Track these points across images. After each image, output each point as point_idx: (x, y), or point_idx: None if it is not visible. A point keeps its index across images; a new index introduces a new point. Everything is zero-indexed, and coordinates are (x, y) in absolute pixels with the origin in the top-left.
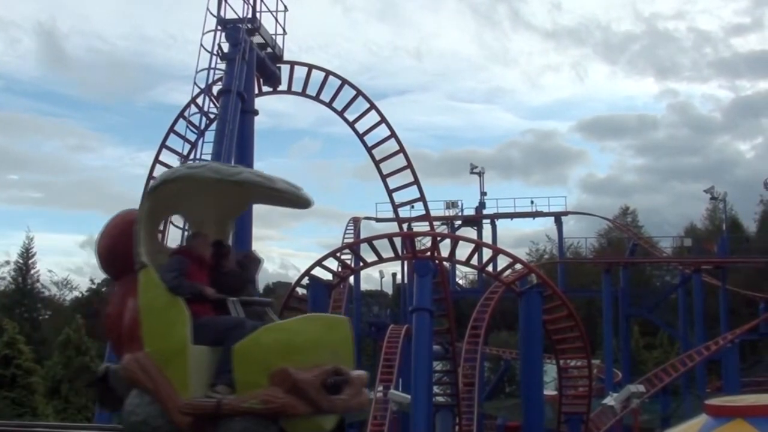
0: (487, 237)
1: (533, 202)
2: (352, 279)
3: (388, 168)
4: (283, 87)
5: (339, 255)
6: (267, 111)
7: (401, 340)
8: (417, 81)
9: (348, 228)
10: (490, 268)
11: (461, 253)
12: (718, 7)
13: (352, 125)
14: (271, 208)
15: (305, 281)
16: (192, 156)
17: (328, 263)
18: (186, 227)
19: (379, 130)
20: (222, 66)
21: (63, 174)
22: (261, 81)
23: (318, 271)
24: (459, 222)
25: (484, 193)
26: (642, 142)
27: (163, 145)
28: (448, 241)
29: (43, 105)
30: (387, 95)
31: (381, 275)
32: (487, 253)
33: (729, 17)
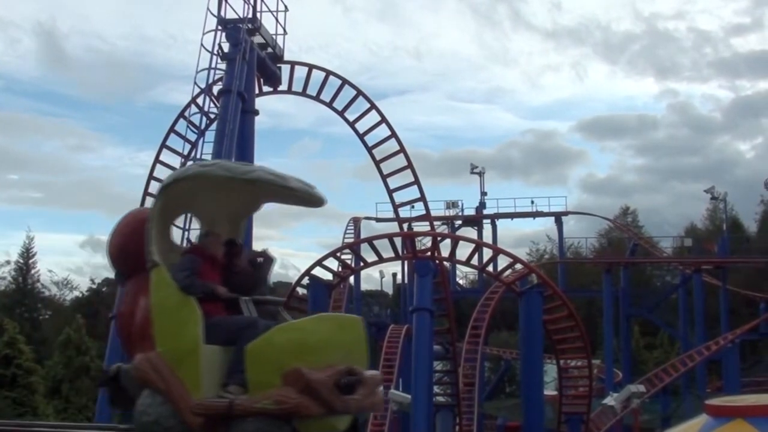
0: (488, 237)
1: (533, 202)
2: (352, 279)
3: (388, 168)
4: (284, 87)
5: (339, 255)
6: (267, 111)
7: (401, 340)
8: (417, 81)
9: (348, 228)
10: (490, 268)
11: (461, 253)
12: (718, 7)
13: (352, 125)
14: (271, 207)
15: (305, 281)
16: (192, 156)
17: (328, 263)
18: (189, 227)
19: (380, 130)
20: (222, 66)
21: (63, 174)
22: (261, 81)
23: (318, 271)
24: (459, 222)
25: (484, 193)
26: (642, 142)
27: (164, 145)
28: (448, 241)
29: (43, 105)
30: (387, 95)
31: (381, 275)
32: (488, 253)
33: (729, 17)
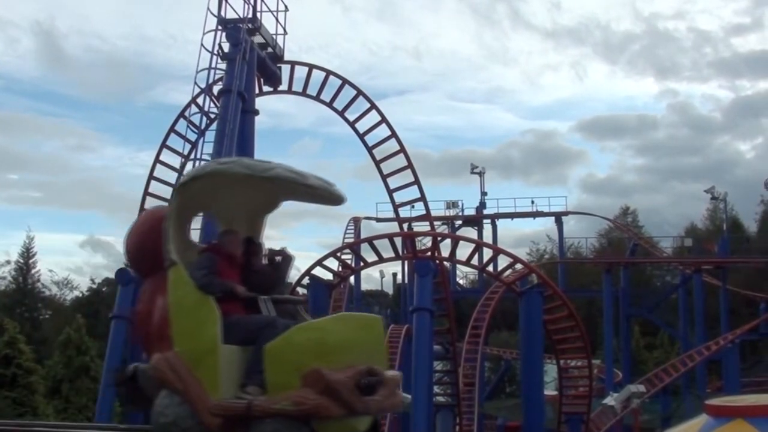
0: (488, 237)
1: (533, 202)
2: (352, 279)
3: (388, 168)
4: (284, 87)
5: (339, 255)
6: (267, 111)
7: (402, 340)
8: (417, 81)
9: (348, 228)
10: (490, 268)
11: (462, 253)
12: (718, 7)
13: (352, 125)
14: None
15: (306, 281)
16: (192, 156)
17: (328, 263)
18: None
19: (380, 130)
20: (222, 66)
21: (63, 174)
22: (261, 81)
23: (318, 271)
24: (459, 222)
25: (484, 193)
26: (642, 142)
27: (164, 145)
28: (448, 241)
29: (43, 105)
30: (387, 95)
31: (381, 275)
32: (488, 253)
33: (729, 17)
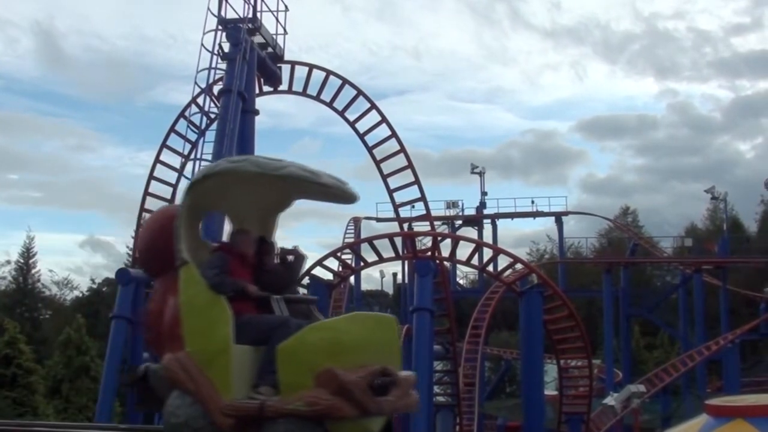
0: (488, 237)
1: (534, 201)
2: (352, 279)
3: (388, 168)
4: (284, 87)
5: (339, 255)
6: (268, 111)
7: (401, 340)
8: (417, 81)
9: (348, 228)
10: (490, 268)
11: (462, 253)
12: (718, 7)
13: (352, 125)
14: None
15: (306, 281)
16: (193, 156)
17: (328, 263)
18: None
19: (380, 130)
20: (223, 66)
21: (63, 174)
22: (262, 81)
23: (318, 271)
24: (459, 222)
25: (484, 193)
26: (642, 142)
27: (164, 145)
28: (448, 241)
29: (43, 105)
30: (387, 95)
31: (381, 275)
32: (488, 253)
33: (729, 17)
